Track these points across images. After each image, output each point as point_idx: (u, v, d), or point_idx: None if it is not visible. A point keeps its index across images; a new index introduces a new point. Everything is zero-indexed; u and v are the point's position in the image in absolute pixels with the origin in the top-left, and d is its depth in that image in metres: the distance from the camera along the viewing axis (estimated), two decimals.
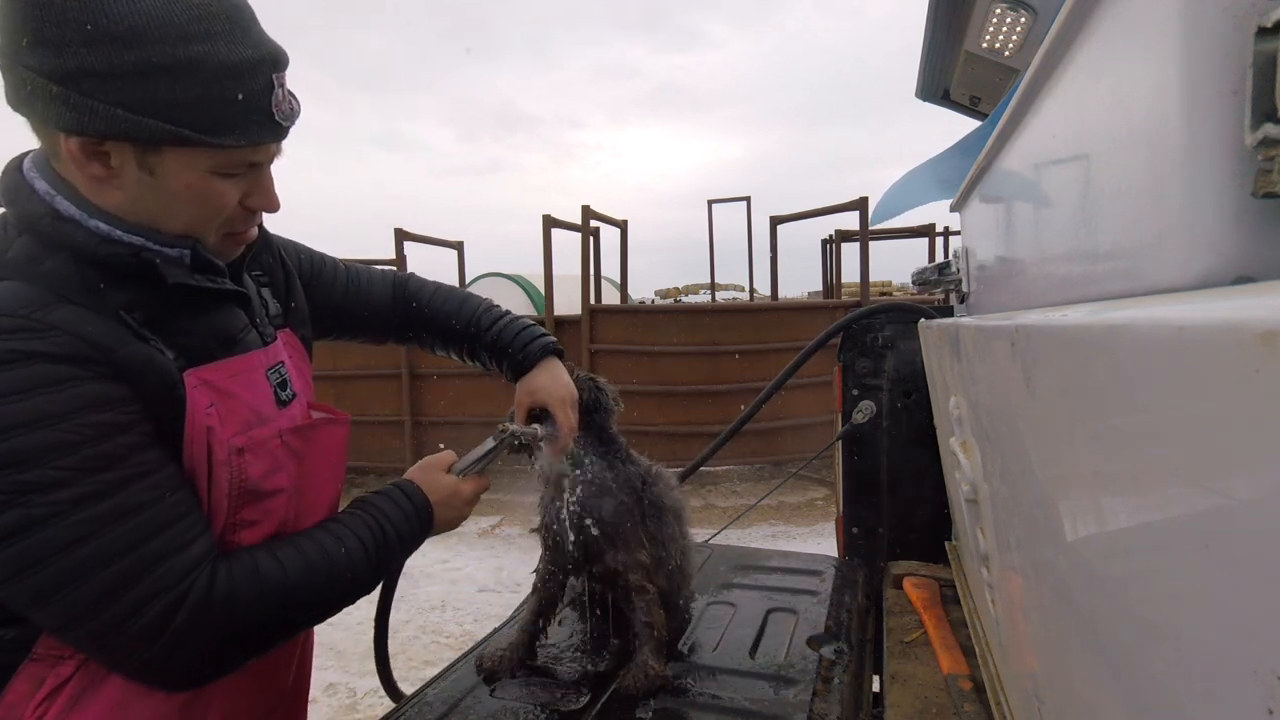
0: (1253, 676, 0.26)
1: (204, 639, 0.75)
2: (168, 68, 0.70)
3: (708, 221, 8.92)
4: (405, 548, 0.98)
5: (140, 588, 0.71)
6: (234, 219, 0.84)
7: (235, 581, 0.78)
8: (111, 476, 0.70)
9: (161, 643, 0.72)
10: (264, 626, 0.81)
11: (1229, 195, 0.35)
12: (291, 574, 0.83)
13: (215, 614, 0.75)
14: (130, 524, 0.71)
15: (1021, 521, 0.73)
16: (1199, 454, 0.30)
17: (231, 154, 0.77)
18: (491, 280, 17.04)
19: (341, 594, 0.89)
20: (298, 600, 0.83)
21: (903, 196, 1.98)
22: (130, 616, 0.70)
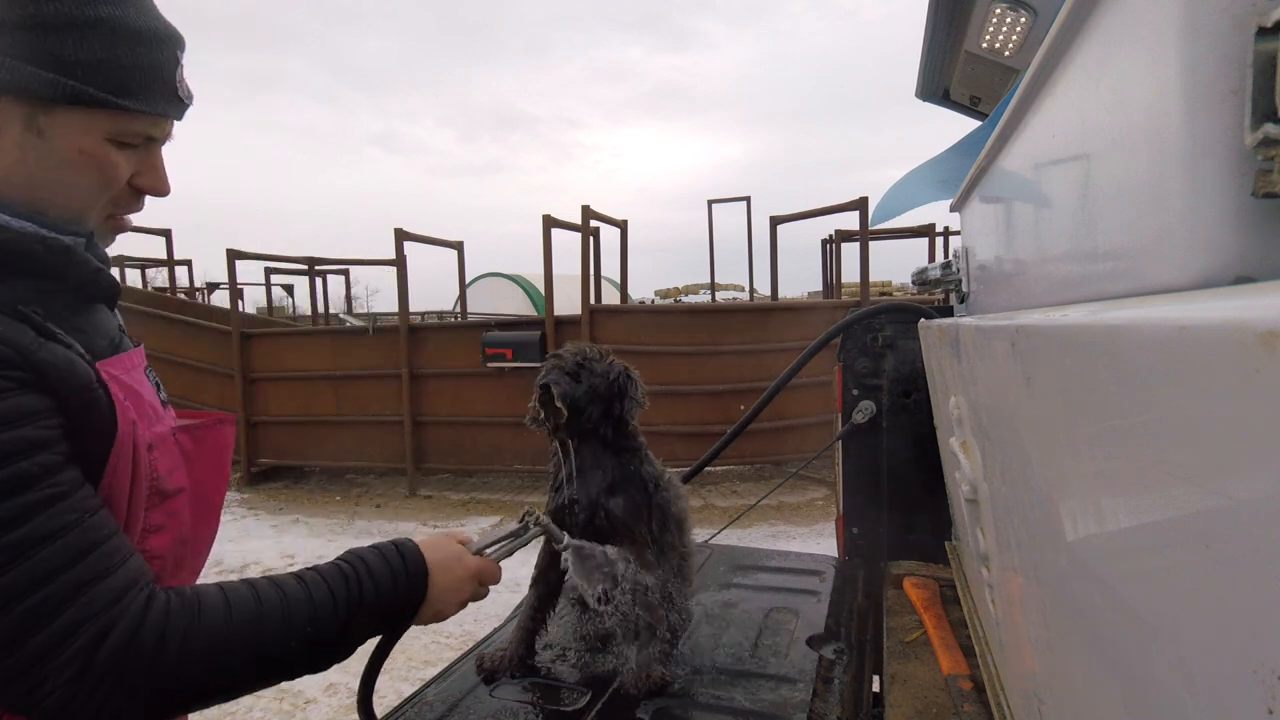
0: (1253, 676, 0.26)
1: (132, 679, 0.66)
2: (75, 24, 0.67)
3: (708, 221, 8.92)
4: (384, 610, 0.85)
5: (63, 618, 0.64)
6: (120, 198, 0.78)
7: (171, 617, 0.69)
8: (29, 499, 0.64)
9: (86, 681, 0.64)
10: (202, 674, 0.71)
11: (1229, 195, 0.35)
12: (237, 615, 0.73)
13: (145, 651, 0.67)
14: (49, 550, 0.64)
15: (1021, 521, 0.73)
16: (1199, 454, 0.30)
17: (133, 120, 0.73)
18: (491, 280, 17.07)
19: (299, 650, 0.77)
20: (244, 648, 0.73)
21: (903, 197, 1.98)
22: (52, 650, 0.63)
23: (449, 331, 7.85)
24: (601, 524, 1.31)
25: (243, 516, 6.50)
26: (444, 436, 7.06)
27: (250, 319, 9.05)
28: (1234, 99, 0.34)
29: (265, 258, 9.26)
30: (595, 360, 1.32)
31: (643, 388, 1.37)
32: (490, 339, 6.70)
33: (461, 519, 6.31)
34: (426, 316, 13.99)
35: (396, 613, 0.88)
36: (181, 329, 7.75)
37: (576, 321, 6.53)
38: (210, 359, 7.57)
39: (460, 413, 6.91)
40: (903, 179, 1.99)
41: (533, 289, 15.97)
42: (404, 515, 6.47)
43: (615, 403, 1.33)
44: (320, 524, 6.26)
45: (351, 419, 7.26)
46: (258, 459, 7.58)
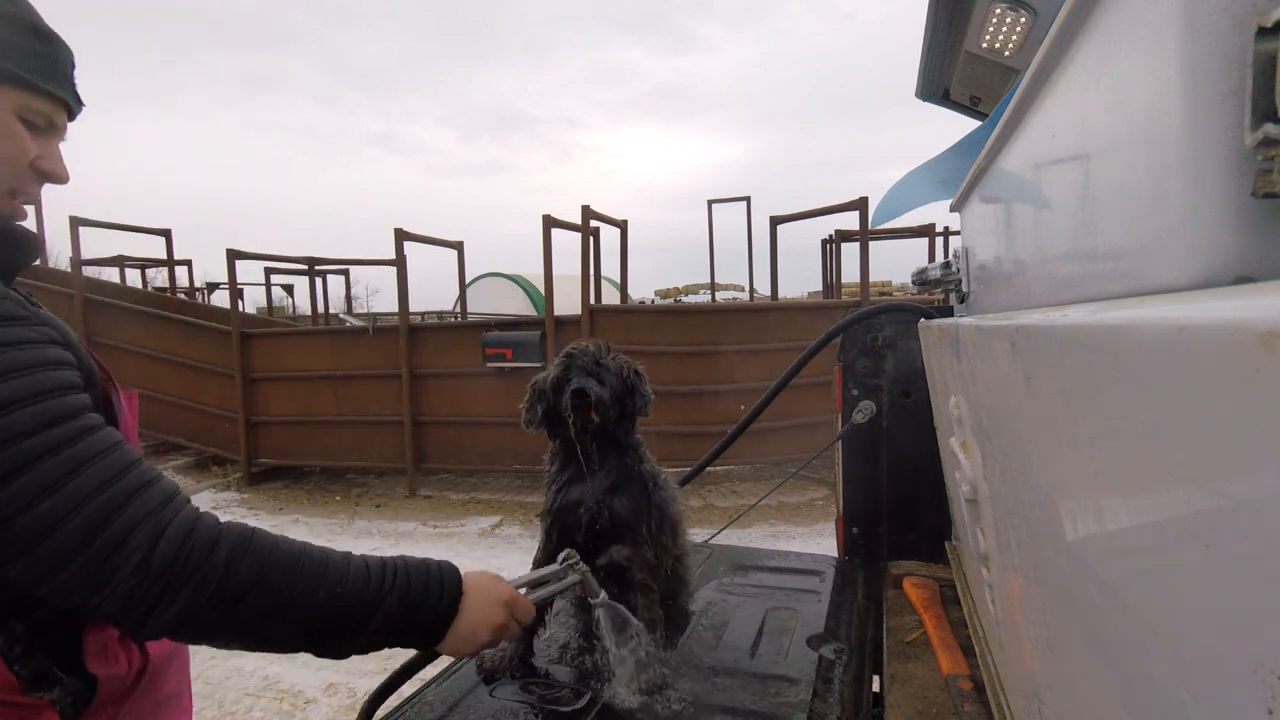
0: (1253, 676, 0.26)
1: (187, 574, 0.74)
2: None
3: (707, 221, 8.92)
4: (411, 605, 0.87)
5: (123, 517, 0.73)
6: (23, 178, 0.84)
7: (224, 530, 0.78)
8: (79, 424, 0.74)
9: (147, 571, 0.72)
10: (244, 590, 0.77)
11: (1229, 195, 0.35)
12: (283, 550, 0.80)
13: (199, 550, 0.75)
14: (103, 462, 0.74)
15: (1021, 521, 0.73)
16: (1199, 454, 0.30)
17: (37, 99, 0.82)
18: (491, 280, 17.07)
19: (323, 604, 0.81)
20: (280, 580, 0.79)
21: (903, 197, 1.97)
22: (118, 544, 0.72)
23: (449, 331, 7.85)
24: (605, 524, 1.31)
25: (243, 516, 6.49)
26: (444, 436, 7.06)
27: (250, 319, 9.06)
28: (1234, 99, 0.34)
29: (265, 258, 9.26)
30: (608, 357, 1.33)
31: (647, 381, 1.38)
32: (490, 339, 6.71)
33: (461, 519, 6.31)
34: (426, 316, 13.99)
35: (426, 617, 0.89)
36: (181, 329, 7.75)
37: (576, 321, 6.54)
38: (210, 359, 7.57)
39: (460, 413, 6.91)
40: (903, 179, 1.99)
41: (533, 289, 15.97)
42: (404, 515, 6.47)
43: (628, 400, 1.34)
44: (320, 524, 6.26)
45: (351, 419, 7.26)
46: (258, 459, 7.58)
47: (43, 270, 8.55)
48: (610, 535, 1.32)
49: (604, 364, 1.32)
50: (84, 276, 8.24)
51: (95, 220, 8.30)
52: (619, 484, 1.32)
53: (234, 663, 3.65)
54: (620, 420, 1.33)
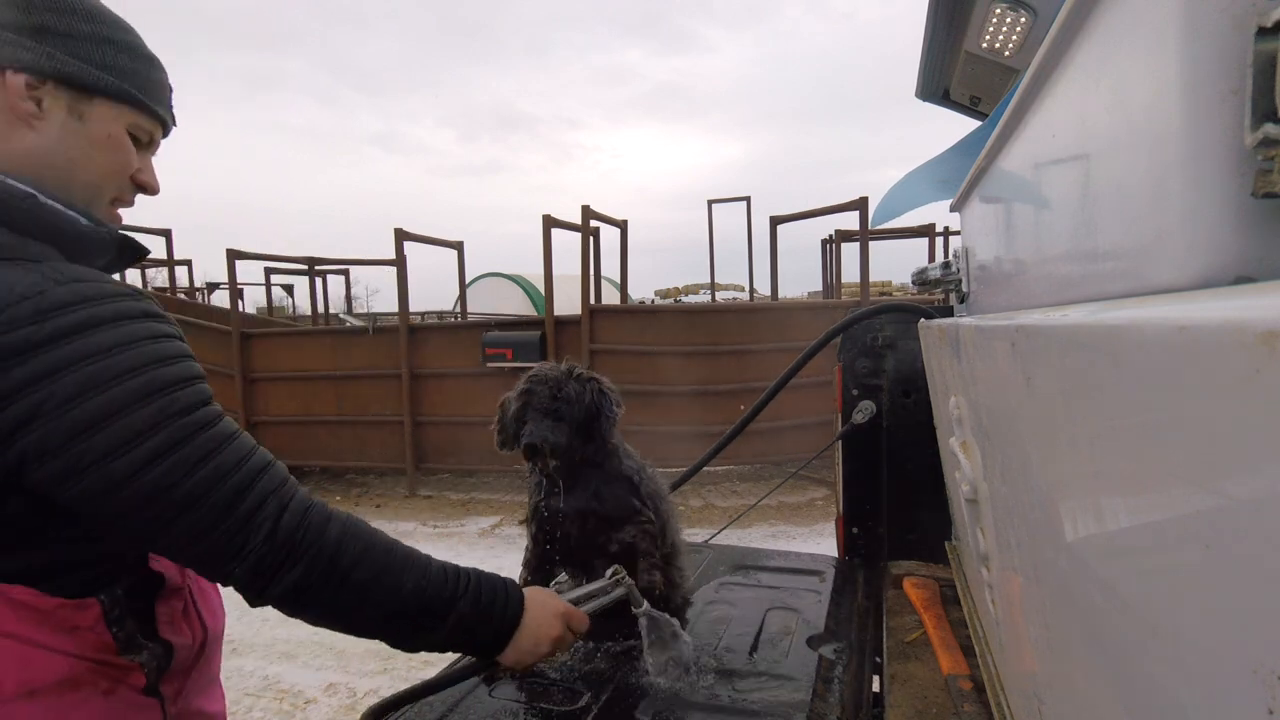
0: (1253, 676, 0.26)
1: (306, 546, 0.83)
2: (113, 41, 0.87)
3: (707, 221, 8.92)
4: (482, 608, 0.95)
5: (257, 489, 0.82)
6: (124, 188, 0.93)
7: (333, 511, 0.88)
8: (214, 409, 0.84)
9: (275, 540, 0.81)
10: (349, 568, 0.85)
11: (1229, 195, 0.35)
12: (379, 543, 0.90)
13: (316, 524, 0.84)
14: (235, 443, 0.83)
15: (1021, 521, 0.73)
16: (1199, 454, 0.30)
17: (146, 118, 0.91)
18: (491, 280, 17.06)
19: (410, 593, 0.90)
20: (378, 564, 0.88)
21: (903, 197, 1.97)
22: (253, 513, 0.81)
23: (449, 331, 7.85)
24: (593, 527, 1.32)
25: None
26: (444, 436, 7.05)
27: (250, 319, 9.05)
28: (1234, 99, 0.34)
29: (265, 258, 9.26)
30: (569, 385, 1.29)
31: (616, 397, 1.35)
32: (490, 339, 6.70)
33: (461, 519, 6.31)
34: (426, 316, 13.99)
35: (495, 623, 0.97)
36: (181, 329, 7.72)
37: (576, 321, 6.53)
38: (210, 359, 7.56)
39: (460, 413, 6.91)
40: (903, 179, 1.99)
41: (533, 289, 15.96)
42: (404, 515, 6.47)
43: (593, 424, 1.31)
44: None
45: (351, 419, 7.25)
46: None
47: None
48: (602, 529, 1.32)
49: (563, 395, 1.27)
50: None
51: None
52: (601, 490, 1.33)
53: (234, 663, 3.65)
54: (588, 443, 1.31)
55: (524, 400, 1.28)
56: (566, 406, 1.27)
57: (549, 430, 1.25)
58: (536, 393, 1.28)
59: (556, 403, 1.27)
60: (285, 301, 15.13)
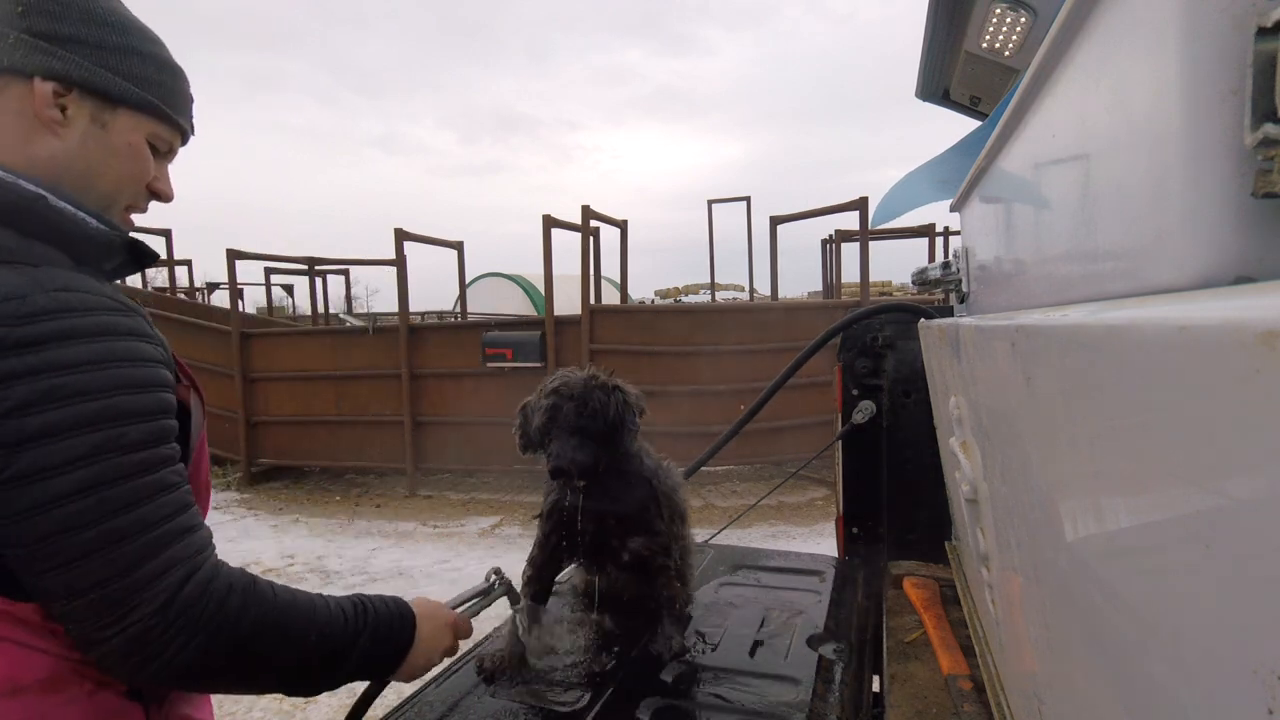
0: (1253, 676, 0.26)
1: (202, 620, 0.77)
2: (140, 52, 0.89)
3: (707, 221, 8.93)
4: (381, 637, 0.96)
5: (167, 554, 0.76)
6: (139, 195, 0.93)
7: (235, 578, 0.83)
8: (161, 452, 0.79)
9: (168, 613, 0.75)
10: (250, 637, 0.82)
11: (1229, 195, 0.35)
12: (280, 597, 0.86)
13: (217, 596, 0.79)
14: (166, 497, 0.78)
15: (1021, 521, 0.73)
16: (1199, 454, 0.30)
17: (166, 128, 0.92)
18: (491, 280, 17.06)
19: (314, 645, 0.87)
20: (281, 625, 0.84)
21: (903, 198, 1.97)
22: (154, 580, 0.75)
23: (449, 331, 7.85)
24: (609, 528, 1.32)
25: (242, 516, 6.50)
26: (444, 436, 7.06)
27: (250, 319, 9.05)
28: (1234, 99, 0.34)
29: (265, 258, 9.26)
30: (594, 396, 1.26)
31: (640, 405, 1.32)
32: (490, 339, 6.71)
33: (461, 519, 6.31)
34: (426, 316, 13.99)
35: (393, 647, 0.98)
36: (181, 329, 7.74)
37: (576, 321, 6.53)
38: (210, 359, 7.57)
39: (460, 413, 6.91)
40: (903, 179, 1.99)
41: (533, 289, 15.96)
42: (404, 515, 6.47)
43: (616, 434, 1.28)
44: (320, 524, 6.26)
45: (351, 419, 7.26)
46: (258, 459, 7.59)
47: None
48: (617, 532, 1.32)
49: (589, 409, 1.24)
50: None
51: None
52: (620, 492, 1.32)
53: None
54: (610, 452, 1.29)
55: (550, 414, 1.25)
56: (591, 421, 1.24)
57: (574, 449, 1.22)
58: (563, 409, 1.24)
59: (582, 419, 1.24)
60: (285, 301, 15.13)
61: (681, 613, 1.40)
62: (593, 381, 1.28)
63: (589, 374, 1.30)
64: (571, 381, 1.27)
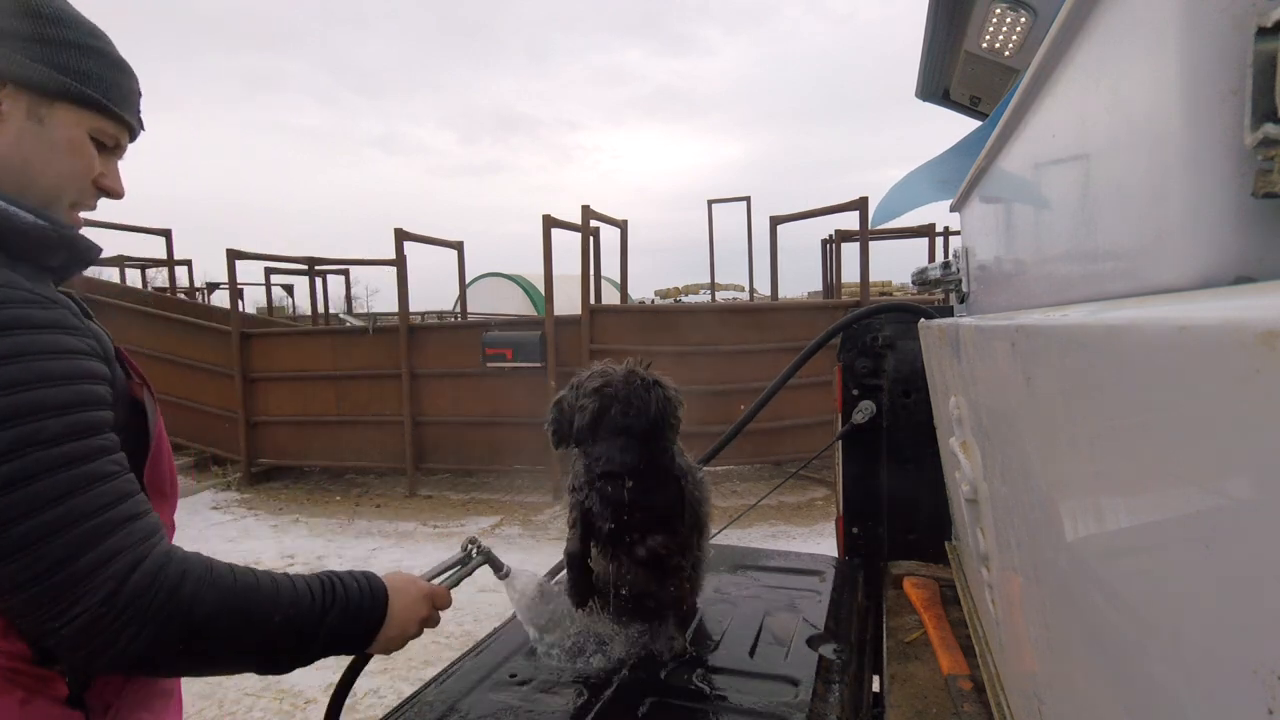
0: (1253, 676, 0.26)
1: (153, 609, 0.76)
2: (79, 46, 0.87)
3: (707, 221, 8.93)
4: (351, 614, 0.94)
5: (109, 543, 0.75)
6: (85, 192, 0.92)
7: (189, 564, 0.81)
8: (94, 443, 0.77)
9: (115, 603, 0.74)
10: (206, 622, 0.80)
11: (1229, 195, 0.35)
12: (240, 581, 0.84)
13: (168, 584, 0.77)
14: (103, 488, 0.76)
15: (1021, 521, 0.73)
16: (1199, 454, 0.30)
17: (110, 123, 0.90)
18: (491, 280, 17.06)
19: (279, 627, 0.86)
20: (241, 609, 0.83)
21: (903, 198, 1.97)
22: (95, 570, 0.73)
23: (449, 331, 7.85)
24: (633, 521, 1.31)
25: (243, 516, 6.50)
26: (444, 436, 7.06)
27: (250, 319, 9.06)
28: (1234, 99, 0.34)
29: (265, 258, 9.26)
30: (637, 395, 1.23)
31: (679, 398, 1.29)
32: (490, 339, 6.71)
33: (461, 519, 6.31)
34: (426, 316, 13.99)
35: (363, 624, 0.97)
36: (181, 329, 7.75)
37: (576, 321, 6.53)
38: (210, 359, 7.57)
39: (460, 413, 6.91)
40: (903, 179, 1.99)
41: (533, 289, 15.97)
42: (404, 515, 6.47)
43: (658, 432, 1.25)
44: (320, 524, 6.26)
45: (351, 419, 7.26)
46: (258, 459, 7.58)
47: None
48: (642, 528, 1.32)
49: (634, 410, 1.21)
50: (84, 276, 8.24)
51: (95, 220, 8.31)
52: (651, 484, 1.28)
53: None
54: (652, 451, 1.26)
55: (595, 417, 1.22)
56: (636, 420, 1.22)
57: (621, 451, 1.20)
58: (610, 410, 1.21)
59: (628, 419, 1.21)
60: (285, 301, 15.14)
61: (686, 614, 1.41)
62: (634, 378, 1.24)
63: (628, 369, 1.26)
64: (613, 379, 1.24)
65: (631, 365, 1.28)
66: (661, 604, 1.40)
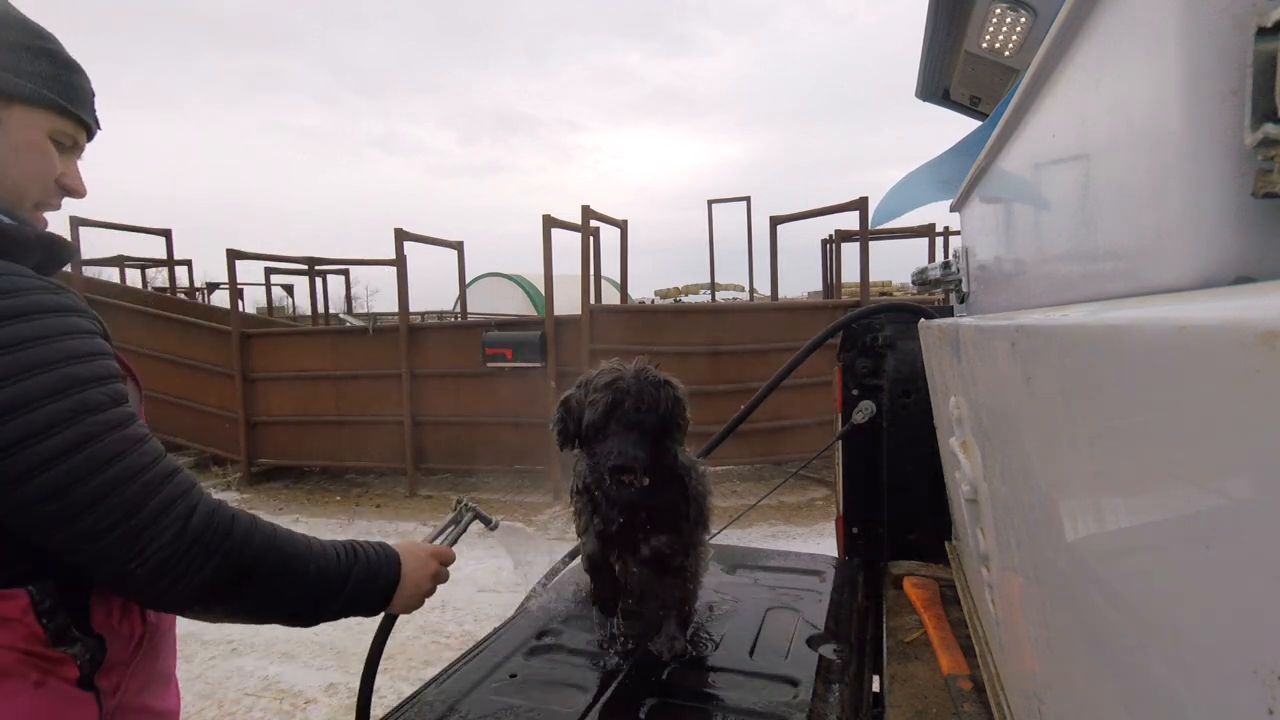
0: (1253, 676, 0.26)
1: (214, 545, 0.85)
2: (30, 48, 0.89)
3: (707, 221, 8.92)
4: (372, 573, 1.04)
5: (165, 491, 0.83)
6: (48, 191, 0.94)
7: (235, 511, 0.90)
8: (127, 410, 0.84)
9: (183, 541, 0.82)
10: (255, 562, 0.89)
11: (1229, 195, 0.35)
12: (280, 534, 0.94)
13: (223, 525, 0.86)
14: (146, 446, 0.84)
15: (1021, 521, 0.73)
16: (1199, 454, 0.30)
17: (67, 123, 0.92)
18: (491, 280, 17.07)
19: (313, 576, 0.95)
20: (282, 555, 0.92)
21: (903, 198, 1.97)
22: (161, 514, 0.82)
23: (449, 331, 7.85)
24: (640, 521, 1.31)
25: None
26: (444, 436, 7.06)
27: (250, 319, 9.06)
28: (1234, 99, 0.34)
29: (265, 258, 9.26)
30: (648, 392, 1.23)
31: (686, 402, 1.29)
32: (490, 339, 6.70)
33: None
34: (426, 316, 13.99)
35: (381, 583, 1.05)
36: (181, 329, 7.74)
37: (576, 321, 6.53)
38: (210, 359, 7.57)
39: (460, 413, 6.91)
40: (903, 180, 1.99)
41: (533, 289, 15.97)
42: (404, 515, 6.47)
43: (666, 431, 1.26)
44: (320, 524, 6.26)
45: (351, 419, 7.26)
46: (258, 459, 7.58)
47: None
48: (648, 528, 1.32)
49: (645, 406, 1.21)
50: (84, 276, 8.25)
51: (96, 220, 8.31)
52: (655, 484, 1.28)
53: (234, 663, 3.65)
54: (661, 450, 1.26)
55: (608, 408, 1.21)
56: (647, 416, 1.22)
57: (633, 446, 1.20)
58: (623, 404, 1.21)
59: (640, 414, 1.21)
60: (285, 301, 15.14)
61: (688, 615, 1.41)
62: (644, 375, 1.25)
63: (639, 367, 1.27)
64: (625, 375, 1.24)
65: (641, 364, 1.28)
66: (663, 604, 1.40)
